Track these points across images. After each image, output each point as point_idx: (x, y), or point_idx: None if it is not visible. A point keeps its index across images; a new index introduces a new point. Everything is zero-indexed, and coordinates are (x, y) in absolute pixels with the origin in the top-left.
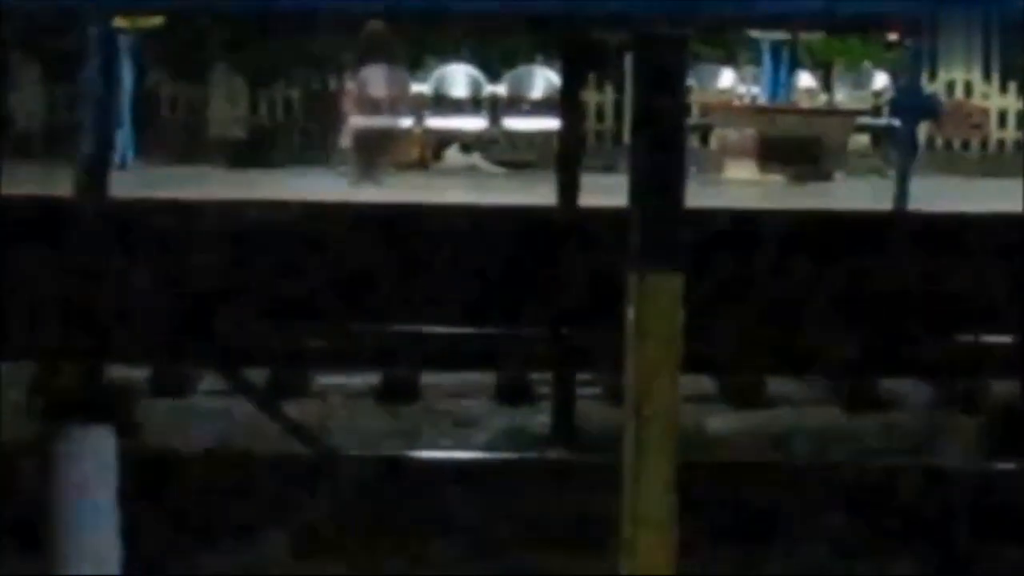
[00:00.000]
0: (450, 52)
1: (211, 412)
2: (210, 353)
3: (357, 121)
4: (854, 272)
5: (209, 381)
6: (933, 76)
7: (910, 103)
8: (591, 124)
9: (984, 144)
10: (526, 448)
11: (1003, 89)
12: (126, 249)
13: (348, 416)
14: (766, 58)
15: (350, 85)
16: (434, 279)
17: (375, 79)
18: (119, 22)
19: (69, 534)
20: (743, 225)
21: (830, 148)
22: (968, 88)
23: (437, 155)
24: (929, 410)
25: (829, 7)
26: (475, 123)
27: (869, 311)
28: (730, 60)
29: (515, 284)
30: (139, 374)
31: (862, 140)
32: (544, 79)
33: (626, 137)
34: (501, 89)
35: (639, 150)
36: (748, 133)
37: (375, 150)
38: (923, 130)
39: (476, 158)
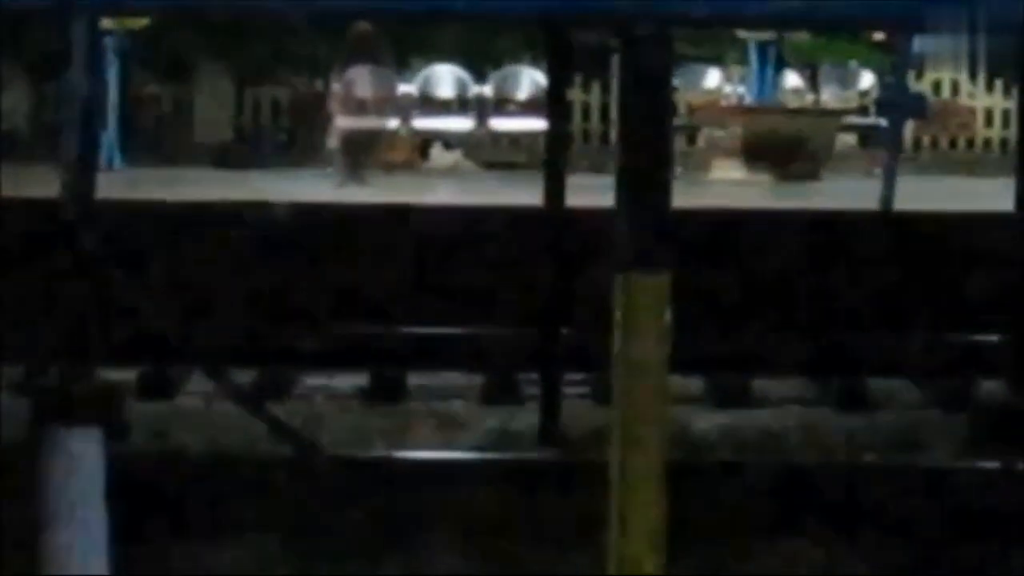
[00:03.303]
0: (436, 52)
1: (197, 413)
2: (197, 354)
3: (343, 122)
4: (841, 271)
5: (196, 382)
6: (920, 75)
7: (897, 102)
8: (578, 124)
9: (971, 143)
10: (513, 448)
11: (989, 88)
12: (112, 251)
13: (335, 417)
14: (752, 58)
15: (336, 86)
16: (421, 280)
17: (361, 80)
18: (105, 23)
19: (57, 535)
20: (730, 225)
21: (817, 148)
22: (955, 87)
23: (423, 154)
24: (916, 409)
25: (814, 8)
26: (462, 123)
27: (856, 310)
28: (716, 60)
29: (502, 284)
30: (126, 376)
31: (849, 140)
32: (530, 79)
33: (613, 137)
34: (487, 90)
35: (626, 150)
36: (735, 133)
37: (361, 151)
38: (910, 129)
39: (458, 155)
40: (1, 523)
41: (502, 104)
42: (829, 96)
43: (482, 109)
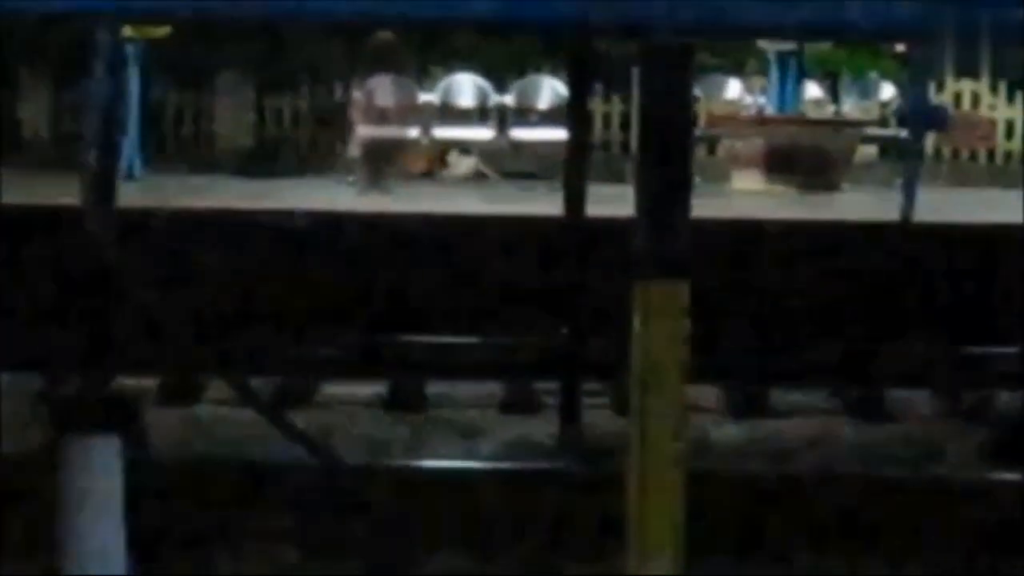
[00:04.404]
0: (457, 62)
1: (218, 421)
2: (217, 362)
3: (364, 131)
4: (861, 283)
5: (216, 390)
6: (940, 87)
7: (918, 114)
8: (598, 134)
9: (991, 155)
10: (532, 458)
11: (1010, 100)
12: (133, 259)
13: (354, 426)
14: (773, 68)
15: (357, 95)
16: (441, 289)
17: (382, 89)
18: (126, 31)
19: (75, 544)
20: (750, 235)
21: (837, 159)
22: (975, 99)
23: (443, 163)
24: (935, 421)
25: (838, 18)
26: (482, 133)
27: (876, 322)
28: (737, 70)
29: (522, 294)
30: (146, 383)
31: (869, 151)
32: (551, 89)
33: (633, 147)
34: (508, 99)
35: (646, 160)
36: (755, 143)
37: (382, 160)
38: (930, 141)
39: (479, 164)
40: (19, 532)
41: (523, 113)
42: (850, 107)
43: (503, 118)
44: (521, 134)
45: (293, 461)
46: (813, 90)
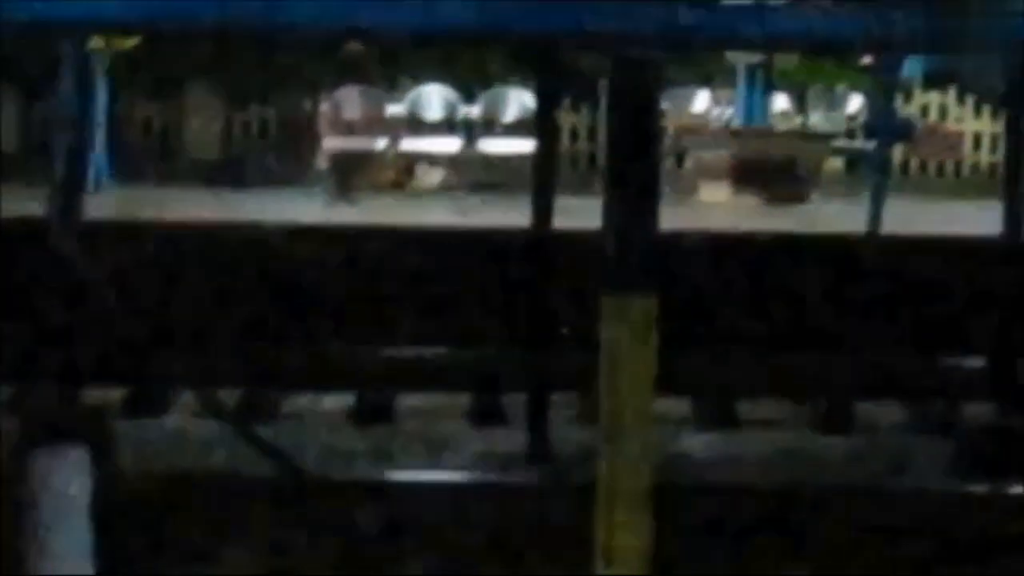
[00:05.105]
0: (425, 72)
1: (184, 433)
2: (184, 374)
3: (332, 143)
4: (828, 294)
5: (183, 402)
6: (908, 99)
7: (884, 126)
8: (566, 146)
9: (958, 167)
10: (500, 470)
11: (977, 112)
12: (100, 272)
13: (322, 438)
14: (741, 81)
15: (325, 107)
16: (408, 300)
17: (350, 101)
18: (94, 42)
19: (42, 556)
20: (718, 247)
21: (805, 170)
22: (943, 111)
23: (410, 174)
24: (903, 432)
25: (808, 29)
26: (450, 144)
27: (842, 333)
28: (705, 82)
29: (489, 306)
30: (113, 395)
31: (837, 163)
32: (519, 100)
33: (601, 159)
34: (476, 110)
35: (613, 172)
36: (723, 155)
37: (350, 171)
38: (898, 153)
39: (446, 175)
40: None
41: (490, 125)
42: (817, 119)
43: (470, 130)
44: (489, 146)
45: (260, 473)
46: (781, 102)
